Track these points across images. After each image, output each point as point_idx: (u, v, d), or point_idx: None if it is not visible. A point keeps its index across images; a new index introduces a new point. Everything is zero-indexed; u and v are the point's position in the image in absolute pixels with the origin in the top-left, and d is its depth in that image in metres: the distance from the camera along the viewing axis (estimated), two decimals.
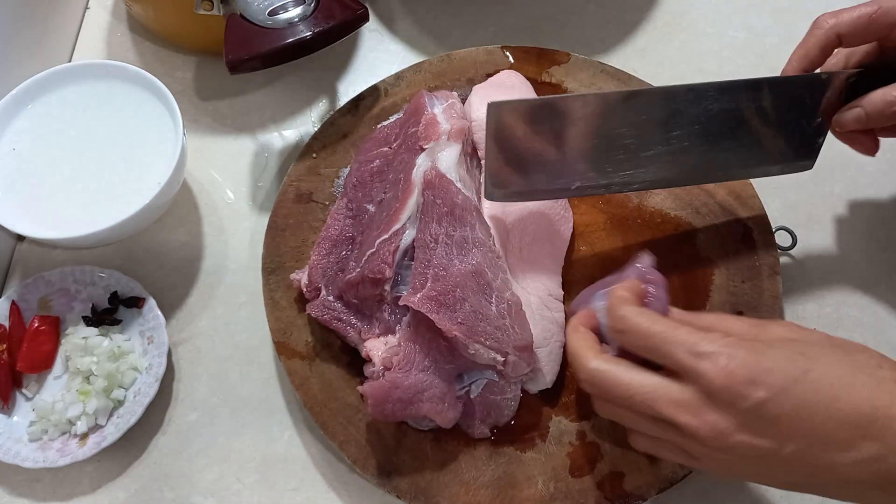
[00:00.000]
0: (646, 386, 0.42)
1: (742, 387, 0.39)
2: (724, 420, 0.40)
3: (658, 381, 0.42)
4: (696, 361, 0.40)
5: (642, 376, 0.43)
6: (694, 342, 0.41)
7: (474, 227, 0.54)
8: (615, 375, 0.43)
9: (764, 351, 0.41)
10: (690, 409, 0.41)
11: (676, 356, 0.41)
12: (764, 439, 0.40)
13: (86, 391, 0.56)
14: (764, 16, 0.75)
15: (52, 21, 0.72)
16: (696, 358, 0.41)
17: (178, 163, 0.57)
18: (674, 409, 0.41)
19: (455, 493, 0.52)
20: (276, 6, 0.57)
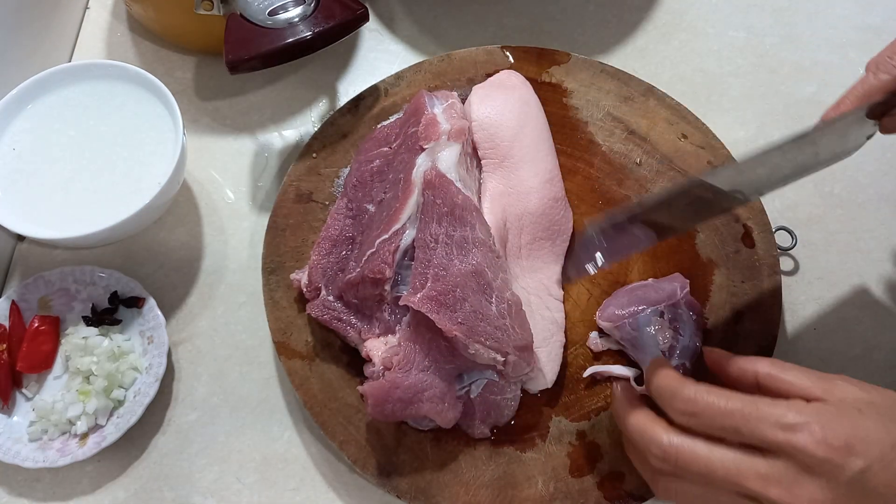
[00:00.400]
0: (729, 461, 0.40)
1: (841, 457, 0.37)
2: (821, 493, 0.38)
3: (742, 456, 0.40)
4: (788, 435, 0.38)
5: (723, 451, 0.40)
6: (780, 414, 0.39)
7: (474, 227, 0.54)
8: (693, 451, 0.41)
9: (855, 417, 0.39)
10: (783, 484, 0.38)
11: (764, 433, 0.39)
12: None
13: (86, 391, 0.56)
14: (764, 16, 0.75)
15: (52, 21, 0.72)
16: (787, 431, 0.38)
17: (178, 163, 0.57)
18: (763, 484, 0.39)
19: (455, 493, 0.52)
20: (276, 6, 0.57)
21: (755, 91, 0.71)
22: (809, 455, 0.38)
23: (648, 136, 0.63)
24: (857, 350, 0.60)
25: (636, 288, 0.56)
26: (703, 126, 0.63)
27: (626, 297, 0.55)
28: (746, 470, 0.39)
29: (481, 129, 0.60)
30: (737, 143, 0.65)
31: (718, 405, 0.41)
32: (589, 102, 0.65)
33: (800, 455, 0.38)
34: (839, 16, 0.74)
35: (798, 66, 0.72)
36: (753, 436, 0.39)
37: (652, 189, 0.62)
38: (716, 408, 0.41)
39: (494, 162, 0.59)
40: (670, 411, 0.43)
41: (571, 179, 0.63)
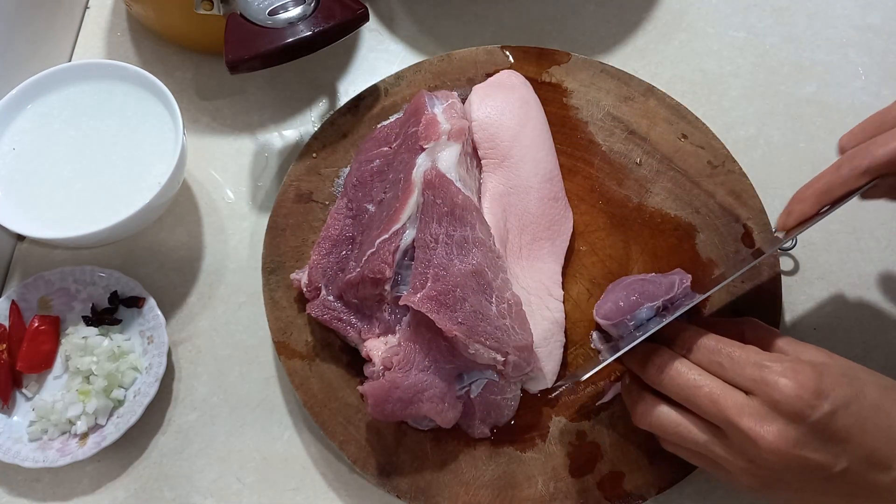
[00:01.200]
0: (713, 385, 0.44)
1: (811, 398, 0.41)
2: (788, 429, 0.41)
3: (725, 386, 0.44)
4: (765, 374, 0.42)
5: (710, 378, 0.44)
6: (761, 357, 0.43)
7: (474, 227, 0.54)
8: (685, 370, 0.45)
9: (823, 368, 0.42)
10: (755, 416, 0.42)
11: (745, 369, 0.43)
12: (821, 454, 0.41)
13: (86, 391, 0.56)
14: (764, 16, 0.75)
15: (52, 21, 0.72)
16: (764, 370, 0.42)
17: (177, 162, 0.57)
18: (737, 413, 0.42)
19: (455, 493, 0.52)
20: (276, 6, 0.57)
21: (755, 91, 0.71)
22: (782, 393, 0.41)
23: (648, 136, 0.63)
24: (857, 350, 0.60)
25: (634, 282, 0.55)
26: (703, 126, 0.63)
27: (624, 291, 0.55)
28: (727, 396, 0.43)
29: (481, 129, 0.60)
30: (737, 143, 0.65)
31: (709, 342, 0.46)
32: (589, 102, 0.65)
33: (774, 392, 0.41)
34: (839, 16, 0.74)
35: (798, 66, 0.72)
36: (735, 372, 0.44)
37: (652, 189, 0.62)
38: (707, 344, 0.46)
39: (494, 162, 0.59)
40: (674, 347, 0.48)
41: (571, 179, 0.63)
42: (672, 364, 0.46)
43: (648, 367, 0.47)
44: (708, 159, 0.62)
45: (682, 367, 0.46)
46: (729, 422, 0.42)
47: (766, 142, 0.68)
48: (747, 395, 0.43)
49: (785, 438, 0.41)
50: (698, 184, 0.61)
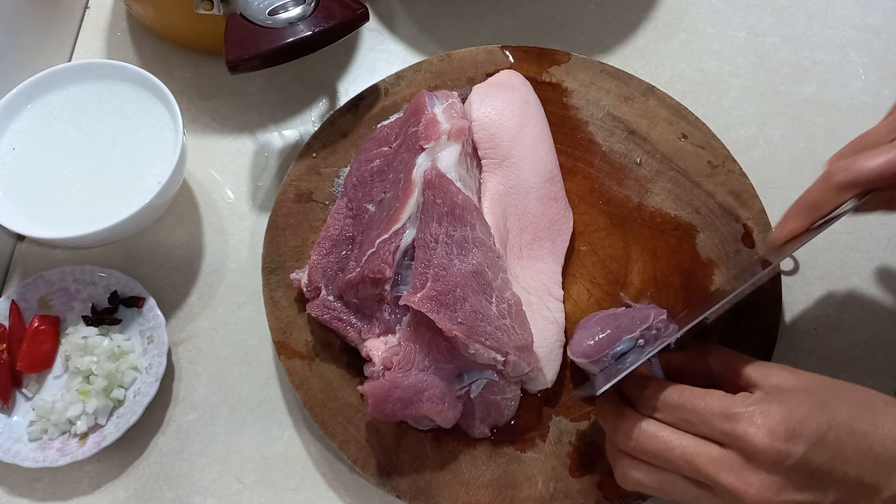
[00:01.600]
0: (686, 444, 0.43)
1: (784, 444, 0.40)
2: (769, 479, 0.40)
3: (699, 442, 0.43)
4: (733, 426, 0.41)
5: (683, 436, 0.43)
6: (727, 405, 0.42)
7: (474, 227, 0.54)
8: (656, 432, 0.44)
9: (790, 402, 0.41)
10: (734, 470, 0.41)
11: (713, 423, 0.42)
12: (807, 493, 0.40)
13: (86, 391, 0.56)
14: (764, 15, 0.75)
15: (52, 21, 0.72)
16: (732, 421, 0.41)
17: (177, 162, 0.57)
18: (715, 469, 0.41)
19: (455, 493, 0.52)
20: (276, 6, 0.57)
21: (755, 91, 0.71)
22: (754, 445, 0.40)
23: (648, 136, 0.63)
24: (857, 350, 0.60)
25: (606, 317, 0.53)
26: (703, 126, 0.63)
27: (598, 326, 0.52)
28: (702, 454, 0.42)
29: (481, 129, 0.60)
30: (737, 143, 0.65)
31: (672, 399, 0.44)
32: (589, 102, 0.65)
33: (746, 445, 0.40)
34: (839, 16, 0.74)
35: (798, 66, 0.72)
36: (704, 426, 0.42)
37: (652, 189, 0.62)
38: (671, 402, 0.44)
39: (494, 161, 0.59)
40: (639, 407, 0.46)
41: (571, 179, 0.63)
42: (640, 429, 0.44)
43: (617, 436, 0.46)
44: (708, 159, 0.62)
45: (650, 430, 0.44)
46: (709, 479, 0.41)
47: (766, 142, 0.68)
48: (722, 447, 0.42)
49: (767, 488, 0.40)
50: (698, 184, 0.61)
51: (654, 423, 0.45)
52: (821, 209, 0.48)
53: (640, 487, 0.46)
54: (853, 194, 0.46)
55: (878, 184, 0.46)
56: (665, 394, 0.45)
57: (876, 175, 0.45)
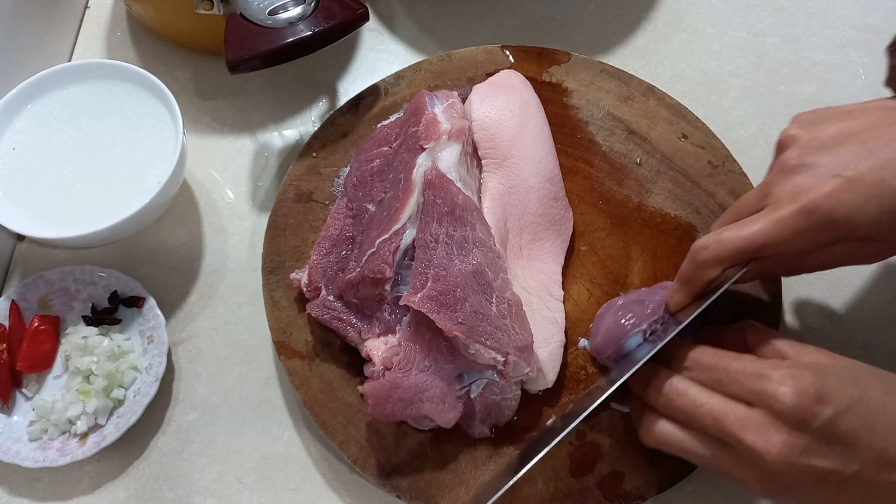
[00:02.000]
0: (714, 402, 0.43)
1: (812, 404, 0.40)
2: (793, 439, 0.40)
3: (725, 400, 0.43)
4: (764, 385, 0.41)
5: (710, 394, 0.44)
6: (759, 367, 0.42)
7: (475, 227, 0.54)
8: (685, 388, 0.45)
9: (824, 371, 0.41)
10: (759, 430, 0.41)
11: (744, 382, 0.42)
12: (829, 460, 0.40)
13: (86, 391, 0.56)
14: (764, 15, 0.75)
15: (52, 21, 0.72)
16: (763, 381, 0.41)
17: (177, 162, 0.57)
18: (740, 427, 0.41)
19: (455, 493, 0.52)
20: (276, 6, 0.57)
21: (755, 91, 0.71)
22: (783, 403, 0.40)
23: (649, 136, 0.63)
24: (857, 350, 0.60)
25: (623, 305, 0.54)
26: (704, 126, 0.63)
27: (613, 318, 0.53)
28: (729, 412, 0.42)
29: (481, 129, 0.60)
30: (737, 143, 0.65)
31: (705, 359, 0.45)
32: (589, 102, 0.65)
33: (775, 403, 0.40)
34: (839, 16, 0.74)
35: (798, 66, 0.72)
36: (735, 386, 0.43)
37: (652, 189, 0.62)
38: (704, 361, 0.45)
39: (495, 161, 0.59)
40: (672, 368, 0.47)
41: (572, 179, 0.63)
42: (671, 385, 0.45)
43: (649, 391, 0.47)
44: (708, 159, 0.62)
45: (680, 386, 0.45)
46: (733, 437, 0.41)
47: (766, 142, 0.68)
48: (749, 407, 0.42)
49: (791, 448, 0.40)
50: (698, 184, 0.61)
51: (684, 380, 0.45)
52: (695, 284, 0.49)
53: (662, 445, 0.46)
54: (722, 269, 0.47)
55: (742, 258, 0.46)
56: (698, 353, 0.46)
57: (737, 251, 0.46)
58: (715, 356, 0.45)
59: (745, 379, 0.42)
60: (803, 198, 0.44)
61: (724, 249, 0.46)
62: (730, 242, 0.46)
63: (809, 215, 0.43)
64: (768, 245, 0.45)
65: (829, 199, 0.43)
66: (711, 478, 0.55)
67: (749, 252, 0.46)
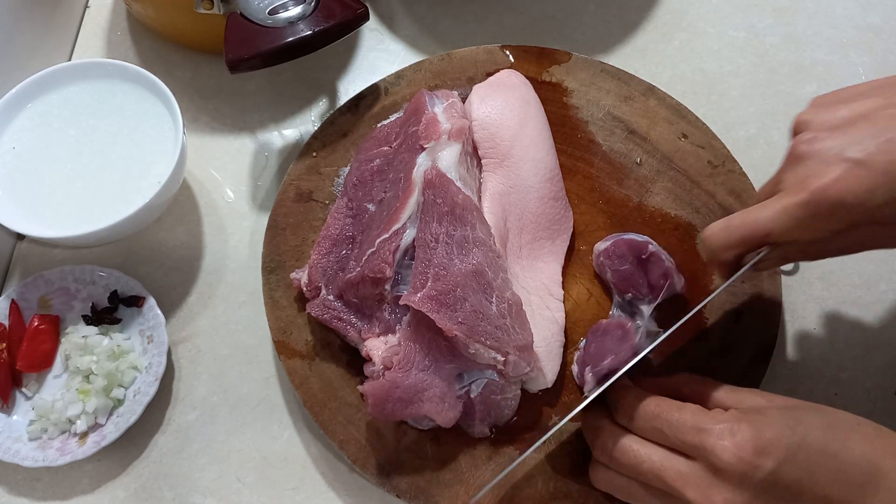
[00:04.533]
0: (655, 457, 0.43)
1: (752, 458, 0.39)
2: (735, 496, 0.40)
3: (667, 455, 0.43)
4: (703, 438, 0.41)
5: (652, 448, 0.44)
6: (699, 420, 0.42)
7: (475, 227, 0.54)
8: (628, 444, 0.45)
9: (762, 421, 0.41)
10: (700, 486, 0.41)
11: (684, 435, 0.42)
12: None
13: (85, 390, 0.55)
14: (764, 15, 0.75)
15: (52, 20, 0.72)
16: (703, 434, 0.41)
17: (177, 162, 0.57)
18: (682, 483, 0.41)
19: (455, 493, 0.52)
20: (276, 5, 0.57)
21: (755, 91, 0.71)
22: (722, 459, 0.40)
23: (649, 136, 0.63)
24: (857, 350, 0.60)
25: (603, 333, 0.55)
26: (704, 126, 0.63)
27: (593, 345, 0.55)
28: (669, 467, 0.42)
29: (482, 129, 0.60)
30: (737, 143, 0.65)
31: (648, 409, 0.45)
32: (589, 102, 0.65)
33: (715, 460, 0.40)
34: (839, 16, 0.74)
35: (798, 66, 0.72)
36: (675, 438, 0.42)
37: (652, 189, 0.62)
38: (647, 411, 0.45)
39: (495, 161, 0.59)
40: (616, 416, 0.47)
41: (571, 179, 0.63)
42: (615, 441, 0.45)
43: (596, 447, 0.47)
44: (708, 159, 0.62)
45: (625, 442, 0.45)
46: (676, 493, 0.41)
47: (767, 142, 0.68)
48: (691, 460, 0.42)
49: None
50: (698, 183, 0.61)
51: (628, 436, 0.45)
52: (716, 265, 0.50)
53: (611, 492, 0.47)
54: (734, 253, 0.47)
55: (751, 244, 0.46)
56: (642, 403, 0.45)
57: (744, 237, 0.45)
58: (658, 405, 0.44)
59: (685, 432, 0.42)
60: (811, 185, 0.42)
61: (732, 236, 0.46)
62: (736, 229, 0.46)
63: (817, 204, 0.41)
64: (774, 233, 0.44)
65: (837, 186, 0.41)
66: None
67: (756, 239, 0.45)
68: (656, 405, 0.44)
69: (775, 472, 0.39)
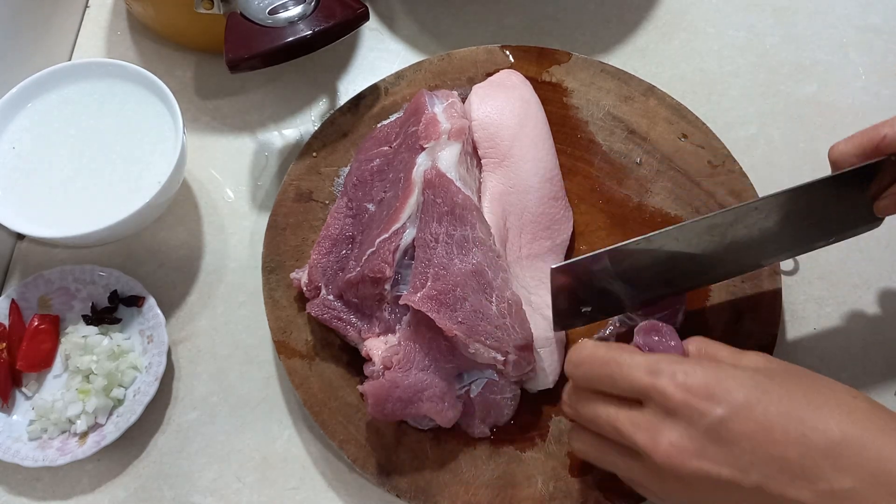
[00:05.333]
0: (610, 409, 0.42)
1: (700, 402, 0.38)
2: (681, 439, 0.38)
3: (620, 405, 0.42)
4: (653, 379, 0.40)
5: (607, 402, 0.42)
6: (651, 362, 0.41)
7: (474, 227, 0.54)
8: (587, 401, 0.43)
9: (726, 371, 0.40)
10: (648, 430, 0.39)
11: (634, 377, 0.40)
12: (724, 467, 0.38)
13: (85, 390, 0.56)
14: (764, 15, 0.75)
15: (52, 20, 0.72)
16: (651, 376, 0.40)
17: (177, 162, 0.57)
18: (633, 430, 0.40)
19: (455, 493, 0.52)
20: (276, 5, 0.57)
21: (755, 91, 0.71)
22: (669, 398, 0.39)
23: (649, 136, 0.63)
24: (856, 350, 0.60)
25: None
26: (704, 126, 0.63)
27: None
28: (623, 417, 0.41)
29: (481, 129, 0.60)
30: (737, 143, 0.65)
31: (598, 354, 0.43)
32: (589, 102, 0.65)
33: (662, 399, 0.39)
34: (839, 16, 0.74)
35: (798, 66, 0.72)
36: (625, 381, 0.41)
37: (652, 189, 0.62)
38: (596, 357, 0.43)
39: (494, 161, 0.59)
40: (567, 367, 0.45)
41: (571, 179, 0.63)
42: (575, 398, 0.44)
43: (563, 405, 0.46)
44: (708, 159, 0.62)
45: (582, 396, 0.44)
46: (629, 441, 0.40)
47: (766, 142, 0.68)
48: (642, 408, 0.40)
49: (679, 448, 0.38)
50: (698, 184, 0.61)
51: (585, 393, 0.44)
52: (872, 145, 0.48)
53: (585, 457, 0.46)
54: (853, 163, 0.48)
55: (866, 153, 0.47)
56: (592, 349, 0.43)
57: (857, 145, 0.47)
58: (609, 349, 0.43)
59: (636, 372, 0.40)
60: None
61: (850, 143, 0.47)
62: (855, 137, 0.47)
63: None
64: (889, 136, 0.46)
65: None
66: None
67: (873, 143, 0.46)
68: (607, 349, 0.43)
69: (725, 419, 0.38)
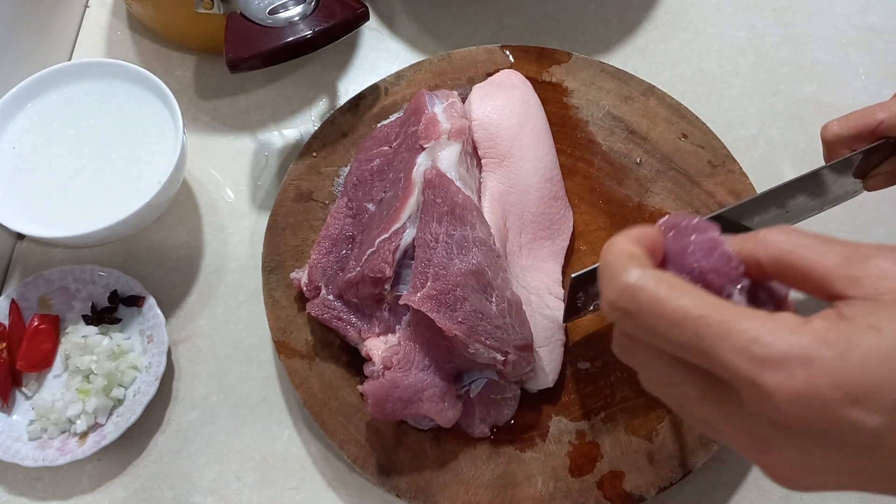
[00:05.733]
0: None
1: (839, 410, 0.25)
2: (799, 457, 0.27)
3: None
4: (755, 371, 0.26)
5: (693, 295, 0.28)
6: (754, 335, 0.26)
7: (474, 227, 0.54)
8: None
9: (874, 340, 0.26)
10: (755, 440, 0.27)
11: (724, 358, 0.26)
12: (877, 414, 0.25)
13: (85, 390, 0.55)
14: (764, 15, 0.75)
15: (53, 20, 0.72)
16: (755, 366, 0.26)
17: (177, 161, 0.57)
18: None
19: (455, 493, 0.52)
20: (276, 5, 0.57)
21: (755, 91, 0.71)
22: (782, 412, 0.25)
23: (649, 136, 0.63)
24: None
25: None
26: (703, 125, 0.63)
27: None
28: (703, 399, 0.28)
29: (481, 129, 0.60)
30: (737, 143, 0.65)
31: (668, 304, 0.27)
32: (589, 102, 0.65)
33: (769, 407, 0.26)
34: (839, 16, 0.74)
35: (798, 66, 0.72)
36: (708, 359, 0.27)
37: (652, 188, 0.62)
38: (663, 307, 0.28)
39: (494, 161, 0.59)
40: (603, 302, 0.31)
41: (571, 179, 0.63)
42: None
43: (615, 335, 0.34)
44: (708, 159, 0.62)
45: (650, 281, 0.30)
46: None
47: (766, 142, 0.68)
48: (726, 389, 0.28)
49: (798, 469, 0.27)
50: (698, 183, 0.61)
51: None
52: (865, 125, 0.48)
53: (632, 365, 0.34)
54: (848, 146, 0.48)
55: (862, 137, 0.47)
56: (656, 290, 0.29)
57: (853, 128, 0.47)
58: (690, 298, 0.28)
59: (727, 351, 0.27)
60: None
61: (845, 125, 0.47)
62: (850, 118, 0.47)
63: None
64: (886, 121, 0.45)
65: None
66: (711, 478, 0.55)
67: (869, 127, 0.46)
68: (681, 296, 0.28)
69: (881, 432, 0.24)
